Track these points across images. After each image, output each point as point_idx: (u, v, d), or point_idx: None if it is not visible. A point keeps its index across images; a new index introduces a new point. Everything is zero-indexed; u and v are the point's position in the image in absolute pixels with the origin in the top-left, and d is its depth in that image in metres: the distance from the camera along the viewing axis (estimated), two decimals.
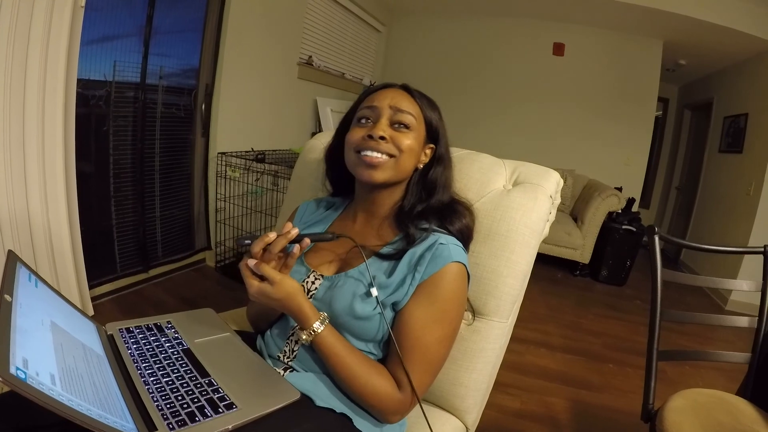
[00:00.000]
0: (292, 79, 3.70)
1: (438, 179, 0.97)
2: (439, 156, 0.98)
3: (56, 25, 1.78)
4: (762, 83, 4.09)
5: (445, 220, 0.95)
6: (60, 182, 1.94)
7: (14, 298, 0.68)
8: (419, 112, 0.94)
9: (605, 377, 2.45)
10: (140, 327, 0.96)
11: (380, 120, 0.91)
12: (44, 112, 1.83)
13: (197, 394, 0.78)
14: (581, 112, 5.04)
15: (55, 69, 1.82)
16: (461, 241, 0.96)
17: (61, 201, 1.96)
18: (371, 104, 0.93)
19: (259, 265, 0.79)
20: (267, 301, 0.81)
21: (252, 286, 0.80)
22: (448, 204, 0.99)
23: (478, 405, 1.11)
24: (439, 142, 0.99)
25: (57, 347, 0.69)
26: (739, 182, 4.24)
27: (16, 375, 0.54)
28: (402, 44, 5.50)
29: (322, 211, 1.11)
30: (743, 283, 1.44)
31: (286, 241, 0.79)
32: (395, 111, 0.91)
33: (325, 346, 0.83)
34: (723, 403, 1.29)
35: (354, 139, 0.92)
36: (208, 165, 3.07)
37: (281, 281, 0.80)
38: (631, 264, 4.17)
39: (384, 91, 0.95)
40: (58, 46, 1.81)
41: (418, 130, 0.93)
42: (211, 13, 2.81)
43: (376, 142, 0.88)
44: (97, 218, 2.45)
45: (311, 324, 0.83)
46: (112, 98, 2.34)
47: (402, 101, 0.92)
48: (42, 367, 0.60)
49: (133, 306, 2.48)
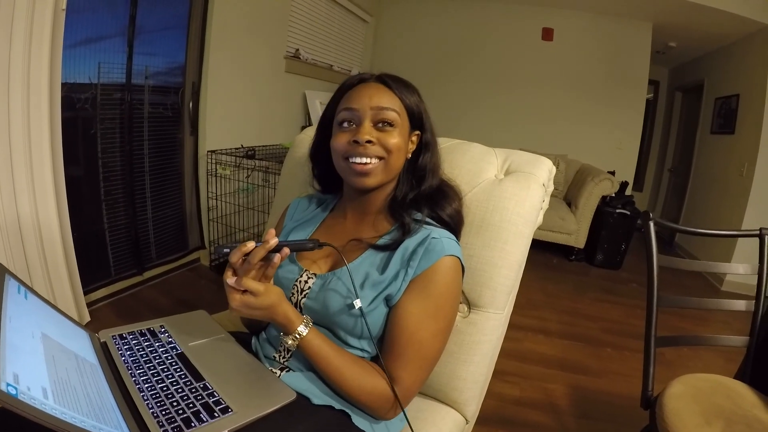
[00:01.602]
0: (280, 73, 3.66)
1: (427, 165, 0.96)
2: (425, 142, 0.97)
3: (38, 29, 1.75)
4: (752, 64, 4.09)
5: (437, 205, 0.95)
6: (49, 188, 1.92)
7: (3, 312, 0.66)
8: (400, 105, 0.91)
9: (604, 362, 2.47)
10: (133, 333, 0.96)
11: (363, 123, 0.88)
12: (29, 117, 1.80)
13: (192, 399, 0.77)
14: (572, 97, 5.04)
15: (39, 74, 1.79)
16: (454, 226, 0.96)
17: (51, 207, 1.94)
18: (350, 106, 0.90)
19: (240, 281, 0.77)
20: (250, 312, 0.79)
21: (234, 299, 0.77)
22: (438, 188, 0.98)
23: (477, 397, 1.11)
24: (424, 127, 0.97)
25: (49, 359, 0.68)
26: (732, 163, 4.26)
27: (7, 391, 0.53)
28: (390, 34, 5.47)
29: (313, 208, 1.10)
30: (739, 267, 1.44)
31: (264, 252, 0.76)
32: (377, 110, 0.88)
33: (312, 348, 0.83)
34: (722, 387, 1.29)
35: (340, 146, 0.89)
36: (198, 163, 3.04)
37: (265, 292, 0.78)
38: (626, 247, 4.19)
39: (361, 89, 0.91)
40: (41, 50, 1.78)
41: (402, 124, 0.91)
42: (195, 10, 2.78)
43: (364, 147, 0.86)
44: (89, 222, 2.42)
45: (295, 328, 0.82)
46: (98, 100, 2.31)
47: (382, 98, 0.89)
48: (33, 381, 0.59)
49: (129, 309, 2.47)
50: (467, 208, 1.08)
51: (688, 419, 1.14)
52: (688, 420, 1.14)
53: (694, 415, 1.16)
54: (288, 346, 0.83)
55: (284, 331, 0.83)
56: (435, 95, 5.16)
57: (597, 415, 2.00)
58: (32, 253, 1.91)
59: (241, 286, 0.77)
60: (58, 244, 1.99)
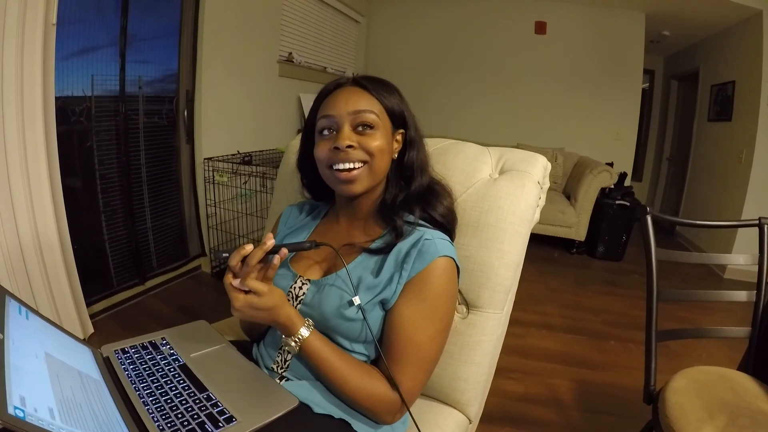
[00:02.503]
0: (274, 78, 3.67)
1: (414, 163, 0.96)
2: (410, 139, 0.96)
3: (29, 45, 1.76)
4: (747, 50, 4.08)
5: (428, 205, 0.95)
6: (48, 203, 1.92)
7: (6, 335, 0.67)
8: (379, 106, 0.91)
9: (608, 355, 2.47)
10: (135, 346, 0.96)
11: (342, 129, 0.87)
12: (24, 133, 1.81)
13: (197, 410, 0.78)
14: (568, 90, 5.04)
15: (32, 89, 1.80)
16: (448, 225, 0.95)
17: (51, 222, 1.95)
18: (328, 113, 0.89)
19: (244, 281, 0.78)
20: (254, 313, 0.80)
21: (238, 299, 0.78)
22: (428, 186, 0.98)
23: (479, 397, 1.11)
24: (407, 124, 0.96)
25: (53, 379, 0.69)
26: (730, 150, 4.25)
27: (15, 414, 0.54)
28: (382, 33, 5.47)
29: (305, 215, 1.10)
30: (740, 257, 1.43)
31: (262, 253, 0.77)
32: (355, 114, 0.88)
33: (313, 351, 0.83)
34: (725, 380, 1.28)
35: (323, 154, 0.89)
36: (196, 171, 3.05)
37: (269, 292, 0.79)
38: (627, 239, 4.19)
39: (337, 95, 0.90)
40: (33, 66, 1.79)
41: (383, 125, 0.90)
42: (186, 18, 2.78)
43: (345, 152, 0.86)
44: (89, 235, 2.43)
45: (297, 329, 0.82)
46: (93, 113, 2.32)
47: (359, 101, 0.89)
48: (40, 402, 0.60)
49: (132, 320, 2.48)
50: (462, 209, 1.08)
51: (690, 413, 1.13)
52: (691, 414, 1.13)
53: (696, 409, 1.14)
54: (290, 348, 0.83)
55: (286, 333, 0.84)
56: (430, 94, 5.18)
57: (602, 408, 2.00)
58: (33, 269, 1.91)
59: (244, 287, 0.78)
60: (58, 258, 2.00)
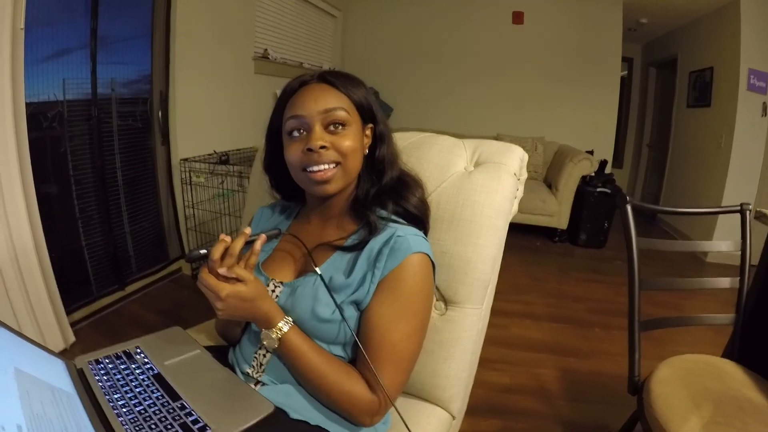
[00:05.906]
0: (249, 75, 3.63)
1: (385, 157, 0.95)
2: (380, 134, 0.95)
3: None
4: (724, 36, 4.13)
5: (401, 198, 0.94)
6: (22, 212, 1.88)
7: None
8: (348, 102, 0.89)
9: (592, 342, 2.48)
10: (109, 356, 0.94)
11: (314, 128, 0.85)
12: None
13: (170, 420, 0.76)
14: (546, 79, 5.06)
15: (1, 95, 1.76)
16: (421, 216, 0.95)
17: (26, 231, 1.90)
18: (297, 113, 0.87)
19: (232, 269, 0.77)
20: (239, 304, 0.78)
21: (224, 289, 0.76)
22: (399, 179, 0.97)
23: (462, 393, 1.10)
24: (376, 118, 0.95)
25: (23, 395, 0.66)
26: (710, 136, 4.31)
27: None
28: (359, 27, 5.44)
29: (277, 216, 1.09)
30: (722, 244, 1.43)
31: (243, 241, 0.79)
32: (325, 113, 0.85)
33: (292, 344, 0.82)
34: (710, 368, 1.27)
35: (295, 157, 0.87)
36: (172, 173, 3.00)
37: (255, 280, 0.80)
38: (608, 226, 4.23)
39: (305, 93, 0.88)
40: (1, 71, 1.75)
41: (354, 121, 0.89)
42: (158, 18, 2.73)
43: (318, 153, 0.84)
44: (66, 242, 2.38)
45: (277, 323, 0.82)
46: (66, 117, 2.27)
47: (328, 99, 0.87)
48: (8, 420, 0.58)
49: (112, 327, 2.43)
50: (437, 203, 1.07)
51: (676, 404, 1.12)
52: (676, 405, 1.11)
53: (682, 399, 1.13)
54: (269, 342, 0.82)
55: (266, 326, 0.83)
56: (408, 87, 5.15)
57: (589, 397, 2.01)
58: (10, 279, 1.87)
59: (231, 274, 0.77)
60: (35, 267, 1.96)
